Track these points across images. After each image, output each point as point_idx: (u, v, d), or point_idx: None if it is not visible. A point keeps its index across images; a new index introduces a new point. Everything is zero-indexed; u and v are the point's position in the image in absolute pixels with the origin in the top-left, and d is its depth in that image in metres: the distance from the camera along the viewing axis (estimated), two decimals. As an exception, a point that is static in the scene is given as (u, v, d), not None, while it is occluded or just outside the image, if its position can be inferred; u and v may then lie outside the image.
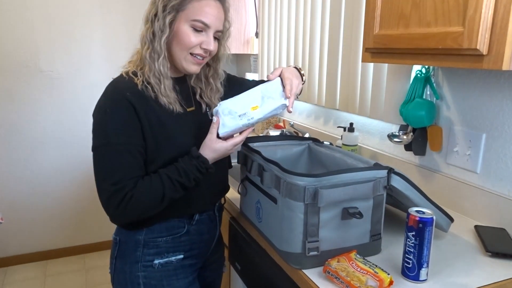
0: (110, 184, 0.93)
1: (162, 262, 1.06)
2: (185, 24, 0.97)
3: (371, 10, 1.11)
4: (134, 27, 2.71)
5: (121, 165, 0.94)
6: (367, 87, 1.58)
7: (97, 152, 0.96)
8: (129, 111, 0.94)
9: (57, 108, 2.63)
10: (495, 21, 0.80)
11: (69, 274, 2.62)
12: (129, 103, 0.94)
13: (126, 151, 0.94)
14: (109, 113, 0.94)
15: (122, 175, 0.93)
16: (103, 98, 0.98)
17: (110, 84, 1.00)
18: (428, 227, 0.84)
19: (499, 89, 1.13)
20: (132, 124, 0.95)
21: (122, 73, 1.02)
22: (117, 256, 1.09)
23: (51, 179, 2.71)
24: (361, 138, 1.70)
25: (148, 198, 0.95)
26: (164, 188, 0.96)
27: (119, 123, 0.94)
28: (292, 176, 0.89)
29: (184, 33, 0.98)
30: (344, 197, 0.90)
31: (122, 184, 0.93)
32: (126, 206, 0.93)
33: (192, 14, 0.97)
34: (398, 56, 1.06)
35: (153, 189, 0.95)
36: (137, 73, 1.00)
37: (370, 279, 0.81)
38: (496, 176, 1.16)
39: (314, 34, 1.89)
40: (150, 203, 0.96)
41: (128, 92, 0.96)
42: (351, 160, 1.07)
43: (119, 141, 0.93)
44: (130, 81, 0.99)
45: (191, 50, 1.00)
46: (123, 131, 0.94)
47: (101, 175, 0.95)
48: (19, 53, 2.48)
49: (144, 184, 0.95)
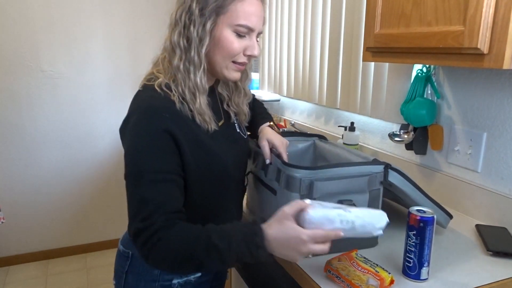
0: (139, 220, 0.79)
1: (181, 282, 0.98)
2: (227, 29, 0.85)
3: (371, 9, 1.11)
4: (134, 27, 2.72)
5: (153, 197, 0.80)
6: (368, 86, 1.58)
7: (128, 181, 0.83)
8: (166, 135, 0.82)
9: (58, 108, 2.64)
10: (495, 20, 0.80)
11: (70, 274, 2.63)
12: (166, 126, 0.82)
13: (160, 181, 0.81)
14: (144, 136, 0.82)
15: (153, 209, 0.79)
16: (137, 117, 0.84)
17: (144, 99, 0.86)
18: (429, 226, 0.84)
19: (500, 88, 1.13)
20: (169, 150, 0.83)
21: (155, 86, 0.87)
22: (129, 271, 0.99)
23: (52, 178, 2.72)
24: (362, 137, 1.69)
25: (176, 247, 0.77)
26: (197, 244, 0.76)
27: (154, 148, 0.82)
28: (290, 169, 0.93)
29: (227, 40, 0.86)
30: (339, 189, 0.93)
31: (152, 220, 0.78)
32: (151, 248, 0.78)
33: (235, 17, 0.84)
34: (399, 55, 1.06)
35: (185, 239, 0.77)
36: (171, 86, 0.87)
37: (371, 278, 0.81)
38: (497, 175, 1.16)
39: (315, 33, 1.88)
40: (177, 255, 0.77)
41: (167, 114, 0.83)
42: (352, 156, 1.10)
43: (152, 168, 0.81)
44: (166, 98, 0.85)
45: (234, 58, 0.89)
46: (159, 158, 0.82)
47: (131, 209, 0.82)
48: (20, 53, 2.48)
49: (178, 228, 0.79)
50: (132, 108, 0.88)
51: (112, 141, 2.81)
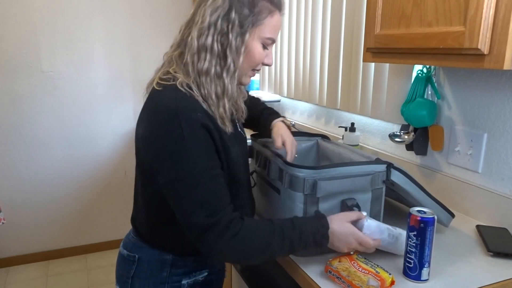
0: (205, 217, 0.81)
1: (190, 282, 1.00)
2: (257, 41, 0.89)
3: (372, 10, 1.11)
4: (135, 28, 2.72)
5: (212, 194, 0.83)
6: (368, 87, 1.58)
7: (181, 184, 0.82)
8: (204, 131, 0.84)
9: (59, 109, 2.64)
10: (496, 21, 0.80)
11: (71, 274, 2.63)
12: (204, 122, 0.83)
13: (214, 177, 0.84)
14: (186, 137, 0.81)
15: (216, 205, 0.82)
16: (169, 118, 0.82)
17: (170, 99, 0.84)
18: (429, 227, 0.84)
19: (501, 88, 1.13)
20: (211, 147, 0.85)
21: (178, 86, 0.85)
22: (135, 275, 0.98)
23: (53, 179, 2.72)
24: (363, 138, 1.69)
25: (256, 239, 0.84)
26: (274, 236, 0.85)
27: (200, 148, 0.83)
28: (293, 168, 0.94)
29: (257, 51, 0.90)
30: (342, 189, 0.94)
31: (219, 216, 0.82)
32: (229, 241, 0.82)
33: (266, 31, 0.89)
34: (399, 56, 1.06)
35: (262, 231, 0.85)
36: (191, 86, 0.87)
37: (371, 278, 0.81)
38: (498, 175, 1.16)
39: (315, 34, 1.89)
40: (256, 246, 0.84)
41: (199, 112, 0.84)
42: (355, 156, 1.11)
43: (205, 168, 0.83)
44: (192, 97, 0.85)
45: (255, 67, 0.94)
46: (207, 157, 0.84)
47: (189, 208, 0.82)
48: (20, 54, 2.48)
49: (252, 222, 0.86)
50: (156, 109, 0.86)
51: (112, 141, 2.81)
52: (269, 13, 0.89)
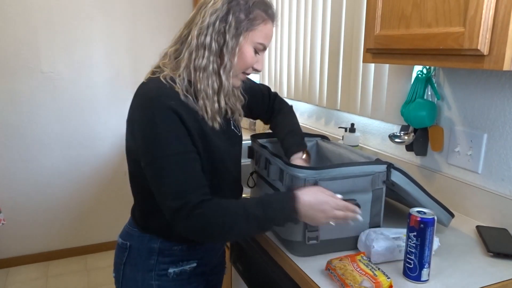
0: (175, 198, 0.86)
1: (177, 271, 1.03)
2: (250, 45, 0.95)
3: (372, 10, 1.11)
4: (135, 28, 2.72)
5: (182, 176, 0.87)
6: (368, 87, 1.58)
7: (154, 167, 0.88)
8: (176, 119, 0.88)
9: (59, 109, 2.64)
10: (495, 22, 0.80)
11: (71, 275, 2.63)
12: (175, 112, 0.88)
13: (185, 161, 0.88)
14: (159, 124, 0.87)
15: (186, 187, 0.87)
16: (145, 105, 0.90)
17: (150, 89, 0.92)
18: (429, 227, 0.84)
19: (500, 89, 1.13)
20: (183, 132, 0.89)
21: (161, 78, 0.93)
22: (127, 262, 1.04)
23: (53, 180, 2.72)
24: (362, 138, 1.69)
25: (218, 218, 0.87)
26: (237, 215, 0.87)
27: (171, 133, 0.88)
28: (293, 169, 0.94)
29: (248, 54, 0.96)
30: (343, 189, 0.94)
31: (188, 197, 0.86)
32: (195, 220, 0.86)
33: (258, 36, 0.95)
34: (399, 57, 1.06)
35: (226, 210, 0.88)
36: (176, 80, 0.93)
37: (366, 280, 0.81)
38: (498, 176, 1.16)
39: (315, 35, 1.89)
40: (219, 225, 0.88)
41: (173, 101, 0.89)
42: (355, 156, 1.11)
43: (176, 151, 0.88)
44: (171, 89, 0.91)
45: (245, 70, 0.99)
46: (178, 141, 0.88)
47: (161, 190, 0.88)
48: (20, 55, 2.48)
49: (217, 202, 0.89)
50: (138, 98, 0.93)
51: (112, 142, 2.81)
52: (263, 21, 0.95)
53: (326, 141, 1.29)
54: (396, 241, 0.95)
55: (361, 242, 0.97)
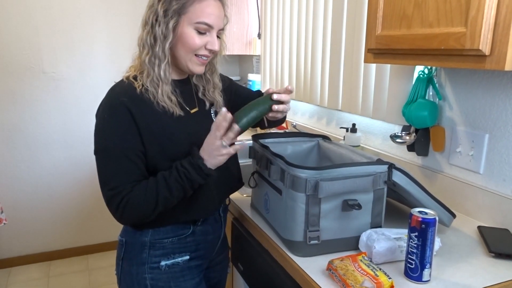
0: (108, 189, 0.94)
1: (168, 264, 1.06)
2: (188, 27, 0.97)
3: (373, 10, 1.11)
4: (137, 29, 2.71)
5: (118, 170, 0.94)
6: (370, 87, 1.58)
7: (97, 157, 0.97)
8: (125, 116, 0.95)
9: (60, 110, 2.64)
10: (497, 22, 0.80)
11: (72, 275, 2.63)
12: (125, 108, 0.94)
13: (124, 156, 0.94)
14: (107, 119, 0.95)
15: (119, 180, 0.94)
16: (102, 103, 0.99)
17: (111, 89, 1.01)
18: (430, 227, 0.84)
19: (502, 89, 1.13)
20: (129, 129, 0.95)
21: (123, 78, 1.02)
22: (124, 257, 1.08)
23: (54, 180, 2.72)
24: (364, 138, 1.69)
25: (142, 201, 0.95)
26: (159, 191, 0.95)
27: (116, 128, 0.95)
28: (294, 169, 0.94)
29: (188, 36, 0.98)
30: (344, 189, 0.94)
31: (119, 189, 0.94)
32: (123, 210, 0.94)
33: (195, 16, 0.97)
34: (401, 57, 1.06)
35: (148, 192, 0.95)
36: (137, 77, 1.00)
37: (367, 280, 0.81)
38: (499, 176, 1.16)
39: (316, 35, 1.89)
40: (145, 206, 0.95)
41: (125, 97, 0.96)
42: (356, 156, 1.11)
43: (116, 146, 0.94)
44: (129, 85, 0.99)
45: (196, 52, 1.00)
46: (120, 136, 0.95)
47: (101, 179, 0.96)
48: (22, 55, 2.49)
49: (140, 187, 0.95)
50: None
51: (114, 142, 2.81)
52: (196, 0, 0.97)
53: (327, 141, 1.29)
54: (398, 242, 0.95)
55: (362, 242, 0.97)
